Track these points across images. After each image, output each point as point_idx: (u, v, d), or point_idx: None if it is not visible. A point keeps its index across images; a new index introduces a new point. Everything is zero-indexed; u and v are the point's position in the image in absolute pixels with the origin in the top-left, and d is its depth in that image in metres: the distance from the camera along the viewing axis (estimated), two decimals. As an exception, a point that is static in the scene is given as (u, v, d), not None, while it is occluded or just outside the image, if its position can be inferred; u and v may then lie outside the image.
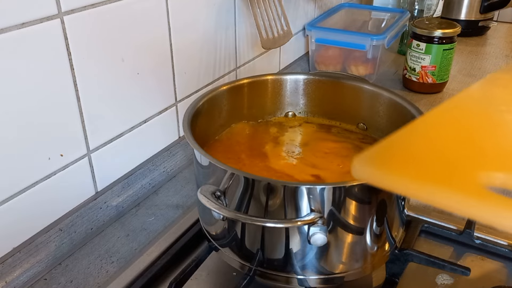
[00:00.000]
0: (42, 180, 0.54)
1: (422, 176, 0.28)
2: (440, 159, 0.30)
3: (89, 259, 0.57)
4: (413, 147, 0.32)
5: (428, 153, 0.31)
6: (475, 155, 0.30)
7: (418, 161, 0.30)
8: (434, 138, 0.33)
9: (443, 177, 0.28)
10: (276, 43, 0.79)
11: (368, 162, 0.30)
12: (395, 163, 0.29)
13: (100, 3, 0.54)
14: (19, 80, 0.48)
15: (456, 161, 0.29)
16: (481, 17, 1.33)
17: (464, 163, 0.29)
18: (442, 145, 0.32)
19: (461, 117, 0.36)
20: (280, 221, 0.43)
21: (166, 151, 0.72)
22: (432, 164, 0.29)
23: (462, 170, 0.28)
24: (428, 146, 0.32)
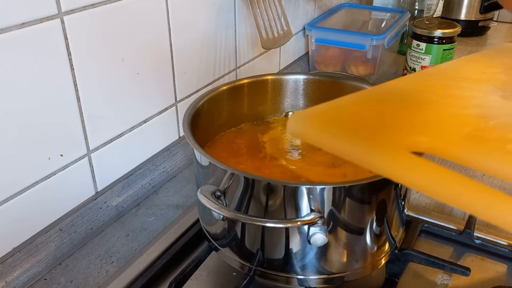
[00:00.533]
0: (42, 180, 0.54)
1: (350, 135, 0.28)
2: (374, 123, 0.30)
3: (89, 259, 0.57)
4: (351, 110, 0.33)
5: (363, 116, 0.32)
6: (412, 123, 0.31)
7: (351, 122, 0.30)
8: (377, 103, 0.34)
9: (372, 138, 0.28)
10: (276, 43, 0.79)
11: (303, 119, 0.30)
12: (329, 123, 0.30)
13: (100, 3, 0.54)
14: (19, 80, 0.48)
15: (390, 126, 0.30)
16: (481, 17, 1.33)
17: (397, 128, 0.30)
18: (382, 111, 0.32)
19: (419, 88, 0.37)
20: (280, 221, 0.43)
21: (166, 151, 0.72)
22: (363, 126, 0.30)
23: (392, 133, 0.29)
24: (367, 111, 0.33)
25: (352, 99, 0.34)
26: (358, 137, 0.28)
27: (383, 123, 0.30)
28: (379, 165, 0.26)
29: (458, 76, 0.39)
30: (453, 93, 0.36)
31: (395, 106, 0.33)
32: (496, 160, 0.27)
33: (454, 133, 0.30)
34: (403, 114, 0.32)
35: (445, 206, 0.66)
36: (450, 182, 0.24)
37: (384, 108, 0.33)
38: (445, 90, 0.36)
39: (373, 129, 0.29)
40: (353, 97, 0.34)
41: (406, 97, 0.35)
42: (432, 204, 0.66)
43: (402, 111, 0.32)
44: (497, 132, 0.30)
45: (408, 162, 0.26)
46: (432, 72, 0.41)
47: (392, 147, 0.27)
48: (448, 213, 0.65)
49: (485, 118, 0.32)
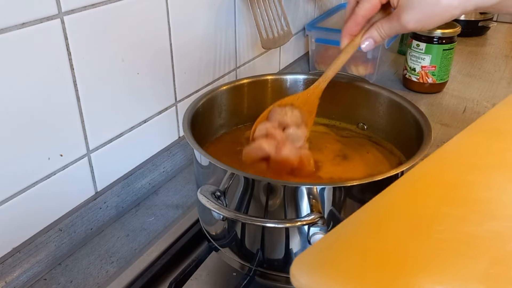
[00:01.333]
0: (41, 180, 0.53)
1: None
2: (378, 263, 0.27)
3: (89, 259, 0.57)
4: (352, 246, 0.29)
5: (366, 253, 0.28)
6: (416, 261, 0.27)
7: (354, 266, 0.27)
8: (373, 233, 0.29)
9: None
10: (276, 43, 0.79)
11: (306, 268, 0.27)
12: (333, 270, 0.27)
13: (100, 3, 0.54)
14: (19, 80, 0.48)
15: (394, 269, 0.26)
16: (481, 17, 1.33)
17: (403, 272, 0.26)
18: (382, 244, 0.28)
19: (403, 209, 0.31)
20: (280, 221, 0.43)
21: (166, 151, 0.71)
22: (368, 271, 0.26)
23: (400, 282, 0.25)
24: (367, 245, 0.28)
25: (350, 228, 0.30)
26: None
27: (388, 263, 0.27)
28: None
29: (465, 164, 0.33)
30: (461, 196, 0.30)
31: (399, 238, 0.29)
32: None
33: (470, 273, 0.25)
34: (411, 249, 0.27)
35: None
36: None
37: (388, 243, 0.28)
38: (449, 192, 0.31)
39: (378, 275, 0.26)
40: (351, 224, 0.30)
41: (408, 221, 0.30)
42: (432, 204, 0.66)
43: (409, 245, 0.28)
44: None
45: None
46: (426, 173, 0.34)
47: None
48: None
49: (502, 239, 0.27)
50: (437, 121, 0.89)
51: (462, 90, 1.02)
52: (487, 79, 1.08)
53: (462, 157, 0.35)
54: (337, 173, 0.54)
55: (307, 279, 0.27)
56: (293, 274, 0.27)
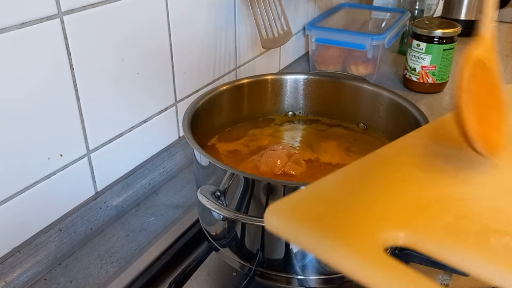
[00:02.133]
0: (41, 180, 0.53)
1: (323, 233, 0.27)
2: (353, 213, 0.29)
3: (89, 259, 0.57)
4: (331, 197, 0.31)
5: (342, 205, 0.30)
6: (383, 213, 0.29)
7: (329, 214, 0.29)
8: (347, 191, 0.32)
9: (348, 236, 0.26)
10: (276, 43, 0.79)
11: (279, 212, 0.29)
12: (306, 216, 0.29)
13: (100, 3, 0.54)
14: (19, 80, 0.48)
15: (367, 218, 0.28)
16: (481, 17, 1.33)
17: (369, 221, 0.28)
18: (353, 200, 0.30)
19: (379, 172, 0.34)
20: (280, 221, 0.43)
21: (166, 151, 0.71)
22: (341, 219, 0.28)
23: (365, 228, 0.27)
24: (346, 197, 0.31)
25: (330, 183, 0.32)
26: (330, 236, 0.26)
27: (359, 214, 0.29)
28: (351, 270, 0.24)
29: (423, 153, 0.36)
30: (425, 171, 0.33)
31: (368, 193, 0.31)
32: (478, 259, 0.25)
33: (433, 223, 0.27)
34: (381, 201, 0.30)
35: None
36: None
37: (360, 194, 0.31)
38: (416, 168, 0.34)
39: (345, 224, 0.27)
40: (331, 180, 0.32)
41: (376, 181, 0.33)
42: (432, 204, 0.66)
43: (376, 199, 0.30)
44: (480, 221, 0.27)
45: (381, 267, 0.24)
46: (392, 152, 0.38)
47: (368, 251, 0.25)
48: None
49: (467, 200, 0.30)
50: (437, 121, 0.88)
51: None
52: (488, 79, 1.08)
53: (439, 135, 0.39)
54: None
55: (278, 221, 0.28)
56: (266, 217, 0.29)
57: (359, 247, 0.25)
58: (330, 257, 0.26)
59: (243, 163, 0.54)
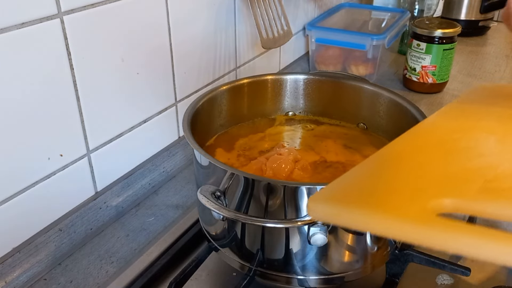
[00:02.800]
0: (41, 180, 0.53)
1: (374, 209, 0.28)
2: (393, 191, 0.31)
3: (89, 259, 0.57)
4: (366, 181, 0.33)
5: (380, 185, 0.32)
6: (427, 184, 0.31)
7: (371, 194, 0.31)
8: (388, 170, 0.34)
9: (395, 208, 0.28)
10: (276, 43, 0.79)
11: (322, 200, 0.30)
12: (349, 198, 0.30)
13: (100, 3, 0.54)
14: (19, 80, 0.48)
15: (408, 192, 0.30)
16: (481, 17, 1.33)
17: (416, 193, 0.30)
18: (395, 177, 0.33)
19: (416, 148, 0.38)
20: (280, 221, 0.43)
21: (166, 151, 0.71)
22: (384, 196, 0.30)
23: (413, 199, 0.29)
24: (381, 179, 0.33)
25: (362, 170, 0.35)
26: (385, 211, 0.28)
27: (400, 190, 0.31)
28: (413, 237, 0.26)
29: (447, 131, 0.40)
30: (450, 147, 0.37)
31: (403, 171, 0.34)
32: None
33: (469, 189, 0.30)
34: (415, 178, 0.33)
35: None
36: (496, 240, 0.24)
37: (393, 175, 0.33)
38: (443, 146, 0.37)
39: (394, 199, 0.30)
40: (363, 168, 0.35)
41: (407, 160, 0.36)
42: (432, 204, 0.66)
43: (412, 175, 0.33)
44: (507, 180, 0.31)
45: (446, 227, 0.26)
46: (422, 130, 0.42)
47: (421, 214, 0.27)
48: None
49: (490, 167, 0.33)
50: (437, 121, 0.88)
51: (463, 90, 1.02)
52: (488, 79, 1.08)
53: (457, 123, 0.42)
54: (338, 173, 0.54)
55: (324, 208, 0.30)
56: (310, 207, 0.30)
57: (414, 215, 0.27)
58: (386, 229, 0.27)
59: (247, 165, 0.54)
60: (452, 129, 0.40)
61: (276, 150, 0.55)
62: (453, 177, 0.32)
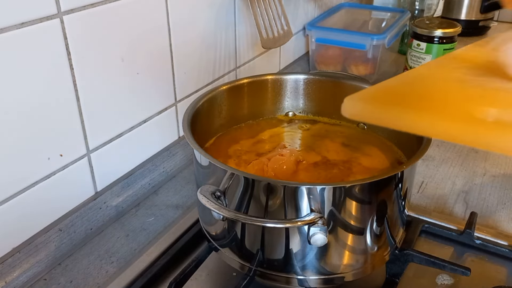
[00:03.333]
0: (41, 180, 0.53)
1: (418, 107, 0.28)
2: (431, 98, 0.30)
3: (89, 259, 0.57)
4: (405, 88, 0.32)
5: (420, 93, 0.31)
6: (468, 96, 0.31)
7: (412, 97, 0.30)
8: (425, 82, 0.34)
9: (439, 109, 0.28)
10: (276, 43, 0.79)
11: (358, 99, 0.30)
12: (388, 99, 0.30)
13: (100, 2, 0.54)
14: (19, 79, 0.48)
15: (450, 100, 0.30)
16: (482, 17, 1.33)
17: (458, 101, 0.30)
18: (434, 88, 0.32)
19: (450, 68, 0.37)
20: (280, 221, 0.43)
21: (166, 151, 0.71)
22: (425, 100, 0.30)
23: (457, 105, 0.29)
24: (420, 89, 0.32)
25: (399, 81, 0.34)
26: (429, 110, 0.28)
27: (441, 99, 0.30)
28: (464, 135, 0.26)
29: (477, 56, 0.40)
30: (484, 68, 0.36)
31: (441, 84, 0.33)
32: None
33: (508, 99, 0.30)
34: (454, 89, 0.32)
35: (445, 206, 0.66)
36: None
37: (432, 86, 0.33)
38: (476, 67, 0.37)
39: (436, 104, 0.29)
40: (398, 80, 0.35)
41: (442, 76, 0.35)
42: (432, 204, 0.66)
43: (451, 87, 0.32)
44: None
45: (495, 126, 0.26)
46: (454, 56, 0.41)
47: (470, 118, 0.27)
48: (448, 213, 0.65)
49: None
50: (437, 121, 0.88)
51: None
52: (488, 79, 1.08)
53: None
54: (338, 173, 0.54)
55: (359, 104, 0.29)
56: (346, 106, 0.29)
57: (461, 116, 0.27)
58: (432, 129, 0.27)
59: (249, 165, 0.54)
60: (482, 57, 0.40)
61: (278, 151, 0.55)
62: (492, 92, 0.31)
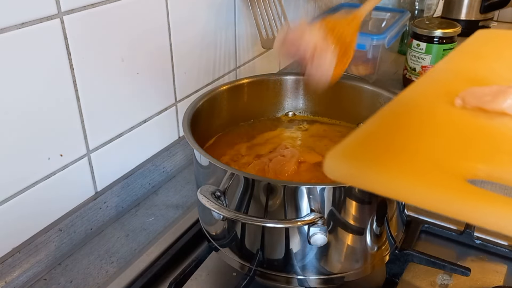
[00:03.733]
0: (41, 180, 0.53)
1: (399, 172, 0.26)
2: (417, 151, 0.28)
3: (89, 259, 0.57)
4: (386, 137, 0.30)
5: (403, 144, 0.29)
6: (451, 146, 0.29)
7: (393, 154, 0.28)
8: (408, 127, 0.31)
9: (423, 173, 0.26)
10: (276, 43, 0.78)
11: (340, 157, 0.28)
12: (370, 159, 0.28)
13: (100, 3, 0.54)
14: (19, 80, 0.48)
15: (434, 154, 0.28)
16: (481, 17, 1.33)
17: (444, 156, 0.27)
18: (418, 136, 0.30)
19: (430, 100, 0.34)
20: (280, 221, 0.43)
21: (166, 151, 0.71)
22: (409, 158, 0.27)
23: (442, 164, 0.26)
24: (403, 137, 0.30)
25: (382, 123, 0.32)
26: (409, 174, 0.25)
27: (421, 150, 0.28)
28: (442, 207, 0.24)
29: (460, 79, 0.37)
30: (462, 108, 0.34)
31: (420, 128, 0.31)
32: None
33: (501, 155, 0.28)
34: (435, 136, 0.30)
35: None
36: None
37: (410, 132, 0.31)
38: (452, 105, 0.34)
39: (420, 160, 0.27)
40: (382, 120, 0.32)
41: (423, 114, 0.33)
42: (432, 204, 0.66)
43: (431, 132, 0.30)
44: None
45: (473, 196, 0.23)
46: (432, 78, 0.39)
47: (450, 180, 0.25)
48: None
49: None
50: (437, 121, 0.88)
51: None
52: (488, 79, 1.08)
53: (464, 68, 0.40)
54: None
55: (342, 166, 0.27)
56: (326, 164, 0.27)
57: (441, 181, 0.25)
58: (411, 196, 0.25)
59: (250, 165, 0.54)
60: (466, 78, 0.37)
61: (279, 152, 0.55)
62: (479, 139, 0.29)
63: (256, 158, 0.56)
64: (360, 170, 0.27)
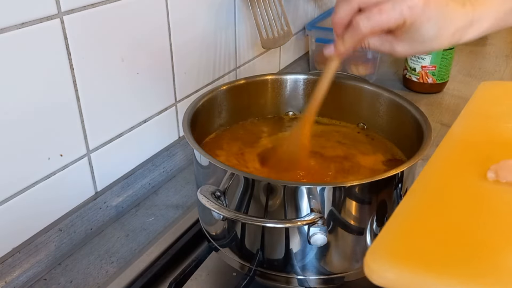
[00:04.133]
0: (41, 180, 0.53)
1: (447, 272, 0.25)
2: (465, 246, 0.27)
3: (89, 259, 0.57)
4: (427, 229, 0.28)
5: (448, 237, 0.28)
6: (498, 236, 0.27)
7: (442, 251, 0.26)
8: (447, 213, 0.30)
9: (481, 275, 0.25)
10: (276, 43, 0.79)
11: (385, 260, 0.26)
12: (419, 260, 0.26)
13: (100, 2, 0.54)
14: (19, 80, 0.48)
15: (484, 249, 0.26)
16: (481, 17, 1.33)
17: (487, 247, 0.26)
18: (460, 224, 0.29)
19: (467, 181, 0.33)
20: (280, 221, 0.43)
21: (166, 151, 0.71)
22: (462, 255, 0.26)
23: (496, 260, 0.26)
24: (444, 226, 0.29)
25: (417, 210, 0.30)
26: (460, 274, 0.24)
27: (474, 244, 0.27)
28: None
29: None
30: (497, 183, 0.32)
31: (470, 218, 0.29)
32: None
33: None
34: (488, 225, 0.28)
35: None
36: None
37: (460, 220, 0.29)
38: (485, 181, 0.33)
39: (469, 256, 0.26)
40: (417, 206, 0.31)
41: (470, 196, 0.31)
42: (432, 204, 0.66)
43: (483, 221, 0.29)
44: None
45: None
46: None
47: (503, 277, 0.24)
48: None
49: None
50: (437, 121, 0.89)
51: (462, 90, 1.02)
52: (487, 79, 1.08)
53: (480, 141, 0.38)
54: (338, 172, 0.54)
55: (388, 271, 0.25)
56: (368, 265, 0.25)
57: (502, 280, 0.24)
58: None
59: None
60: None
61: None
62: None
63: (257, 157, 0.56)
64: (413, 276, 0.25)
